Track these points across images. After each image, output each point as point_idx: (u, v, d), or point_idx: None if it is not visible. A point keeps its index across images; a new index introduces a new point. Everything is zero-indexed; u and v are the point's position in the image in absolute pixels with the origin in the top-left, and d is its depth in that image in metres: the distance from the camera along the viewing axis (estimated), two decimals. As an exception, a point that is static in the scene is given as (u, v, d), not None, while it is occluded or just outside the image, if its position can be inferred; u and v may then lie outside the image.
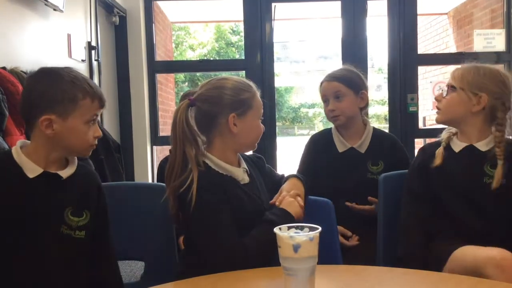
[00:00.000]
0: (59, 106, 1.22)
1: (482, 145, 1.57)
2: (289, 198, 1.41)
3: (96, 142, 1.31)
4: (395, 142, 2.06)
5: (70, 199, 1.28)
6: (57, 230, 1.24)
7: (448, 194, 1.56)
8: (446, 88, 1.62)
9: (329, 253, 1.50)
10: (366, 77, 2.08)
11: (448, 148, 1.62)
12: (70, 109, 1.23)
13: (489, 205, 1.52)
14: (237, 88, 1.42)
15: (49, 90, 1.23)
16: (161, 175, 2.27)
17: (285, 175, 1.59)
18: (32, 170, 1.23)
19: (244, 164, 1.46)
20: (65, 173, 1.27)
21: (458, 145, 1.61)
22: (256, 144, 1.49)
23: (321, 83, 2.02)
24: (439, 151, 1.61)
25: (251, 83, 1.46)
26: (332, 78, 1.98)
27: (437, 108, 1.64)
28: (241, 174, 1.42)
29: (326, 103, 1.99)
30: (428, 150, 1.66)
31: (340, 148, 1.97)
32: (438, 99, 1.64)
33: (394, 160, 1.91)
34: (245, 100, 1.41)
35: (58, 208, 1.25)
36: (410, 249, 1.52)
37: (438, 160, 1.58)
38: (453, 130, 1.66)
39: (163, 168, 2.08)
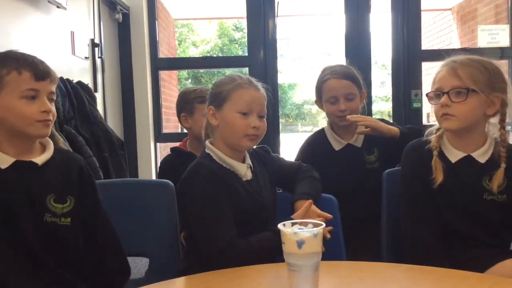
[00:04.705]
0: None
1: (480, 156, 1.45)
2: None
3: (49, 118, 1.22)
4: None
5: (51, 186, 1.23)
6: (40, 218, 1.20)
7: (449, 211, 1.46)
8: (443, 90, 1.43)
9: (333, 249, 1.49)
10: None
11: (441, 155, 1.47)
12: None
13: (494, 219, 1.44)
14: (219, 82, 1.45)
15: None
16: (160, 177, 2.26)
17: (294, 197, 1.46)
18: (3, 160, 1.19)
19: (248, 160, 1.46)
20: (40, 159, 1.23)
21: (454, 154, 1.47)
22: (247, 142, 1.39)
23: (325, 81, 1.91)
24: (435, 165, 1.45)
25: (244, 78, 1.43)
26: (343, 76, 1.88)
27: (448, 114, 1.42)
28: (243, 170, 1.42)
29: (334, 102, 1.90)
30: (419, 150, 1.50)
31: (336, 147, 1.95)
32: (446, 103, 1.42)
33: (384, 139, 1.87)
34: (221, 92, 1.42)
35: (39, 196, 1.21)
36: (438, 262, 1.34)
37: (439, 178, 1.44)
38: (440, 132, 1.51)
39: (163, 170, 2.08)
